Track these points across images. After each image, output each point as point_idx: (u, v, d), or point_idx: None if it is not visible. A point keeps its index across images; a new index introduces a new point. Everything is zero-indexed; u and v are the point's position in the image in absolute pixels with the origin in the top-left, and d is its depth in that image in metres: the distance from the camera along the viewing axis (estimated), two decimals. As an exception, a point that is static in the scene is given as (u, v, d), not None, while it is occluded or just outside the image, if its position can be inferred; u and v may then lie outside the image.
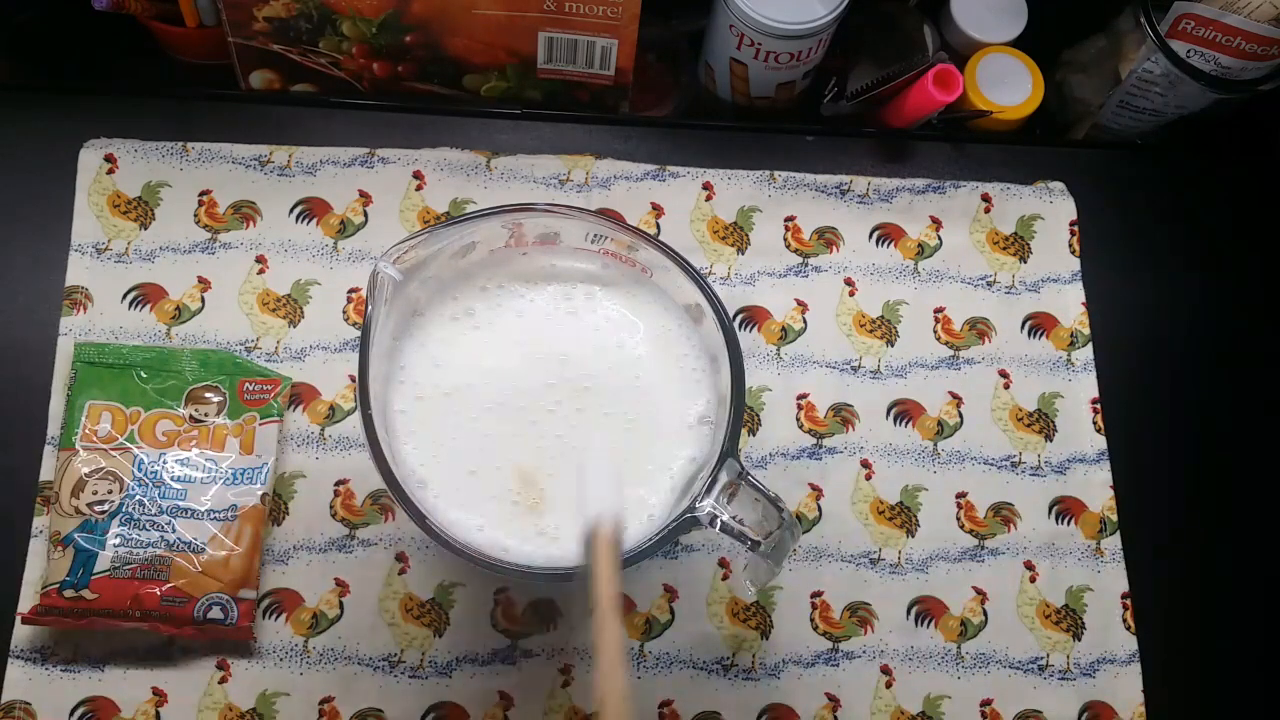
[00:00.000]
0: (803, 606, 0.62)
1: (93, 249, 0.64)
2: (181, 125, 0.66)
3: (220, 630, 0.56)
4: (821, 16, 0.65)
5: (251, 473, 0.58)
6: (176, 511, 0.57)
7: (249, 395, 0.60)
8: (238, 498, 0.58)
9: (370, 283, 0.49)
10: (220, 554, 0.56)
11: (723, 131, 0.71)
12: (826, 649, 0.61)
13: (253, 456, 0.59)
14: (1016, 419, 0.67)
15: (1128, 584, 0.64)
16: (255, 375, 0.61)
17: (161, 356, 0.60)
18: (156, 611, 0.55)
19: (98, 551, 0.55)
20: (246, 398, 0.60)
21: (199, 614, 0.56)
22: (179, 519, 0.57)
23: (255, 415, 0.60)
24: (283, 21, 0.65)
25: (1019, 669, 0.62)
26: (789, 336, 0.67)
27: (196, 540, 0.56)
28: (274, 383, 0.61)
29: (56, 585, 0.55)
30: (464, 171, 0.67)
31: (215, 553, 0.56)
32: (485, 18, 0.64)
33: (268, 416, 0.60)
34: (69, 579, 0.55)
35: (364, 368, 0.48)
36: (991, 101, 0.72)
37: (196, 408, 0.59)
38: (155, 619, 0.55)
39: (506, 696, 0.59)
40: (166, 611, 0.55)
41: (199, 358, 0.61)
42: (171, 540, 0.56)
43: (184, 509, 0.57)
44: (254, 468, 0.58)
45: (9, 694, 0.56)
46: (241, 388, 0.60)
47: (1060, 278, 0.70)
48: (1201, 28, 0.67)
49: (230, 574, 0.56)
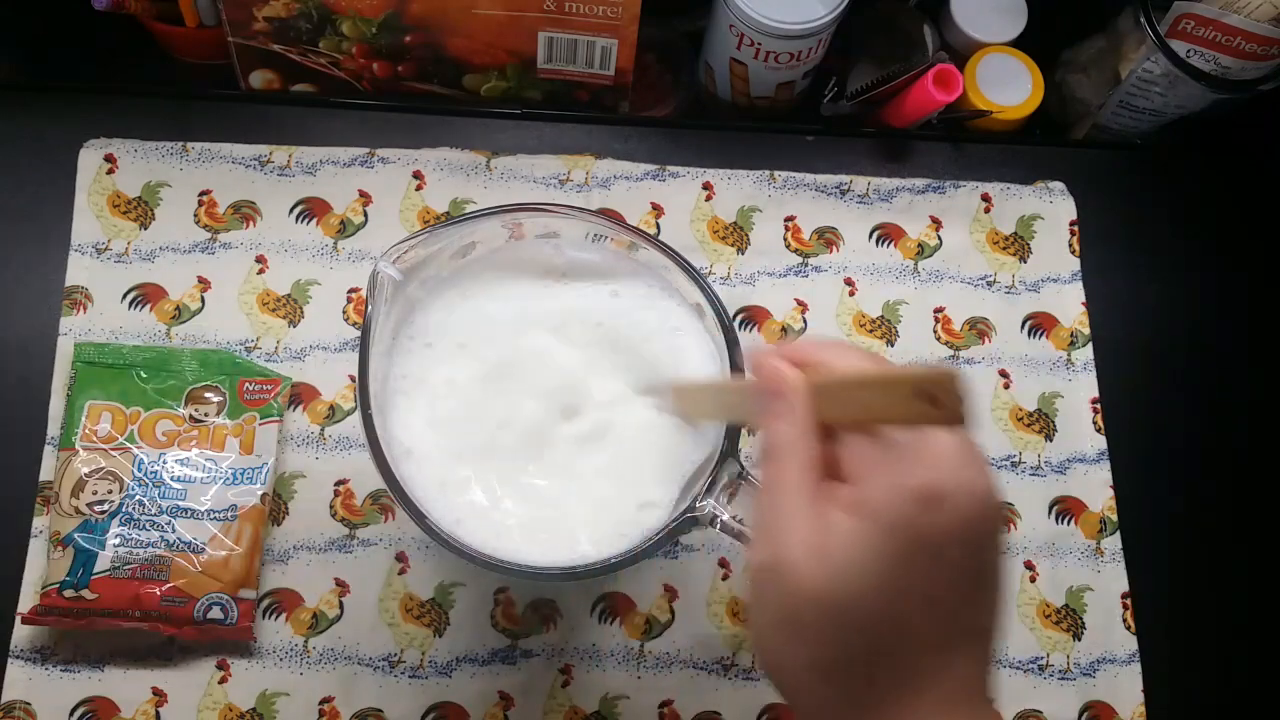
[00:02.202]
0: (803, 606, 0.62)
1: (93, 249, 0.64)
2: (181, 125, 0.66)
3: (220, 630, 0.56)
4: (821, 16, 0.65)
5: (251, 473, 0.58)
6: (176, 511, 0.57)
7: (249, 395, 0.60)
8: (237, 498, 0.58)
9: (370, 283, 0.49)
10: (220, 554, 0.56)
11: (723, 131, 0.71)
12: (826, 649, 0.61)
13: (252, 456, 0.59)
14: (1016, 419, 0.67)
15: (1128, 584, 0.64)
16: (255, 375, 0.61)
17: (161, 356, 0.60)
18: (156, 611, 0.55)
19: (98, 552, 0.55)
20: (246, 398, 0.60)
21: (199, 614, 0.56)
22: (179, 519, 0.57)
23: (255, 415, 0.60)
24: (283, 21, 0.65)
25: (1019, 669, 0.62)
26: (789, 336, 0.67)
27: (196, 540, 0.56)
28: (274, 383, 0.61)
29: (56, 585, 0.55)
30: (464, 171, 0.67)
31: (215, 553, 0.56)
32: (485, 18, 0.64)
33: (268, 416, 0.60)
34: (69, 579, 0.55)
35: (364, 368, 0.48)
36: (991, 101, 0.72)
37: (196, 408, 0.59)
38: (155, 619, 0.55)
39: (506, 696, 0.59)
40: (166, 611, 0.55)
41: (199, 358, 0.61)
42: (171, 540, 0.56)
43: (184, 509, 0.57)
44: (254, 468, 0.58)
45: (9, 694, 0.56)
46: (241, 387, 0.60)
47: (1060, 278, 0.70)
48: (1201, 28, 0.67)
49: (230, 574, 0.56)
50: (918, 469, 0.35)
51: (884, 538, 0.35)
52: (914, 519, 0.35)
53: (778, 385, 0.39)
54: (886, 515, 0.35)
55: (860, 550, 0.35)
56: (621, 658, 0.60)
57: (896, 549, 0.35)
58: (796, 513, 0.36)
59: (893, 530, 0.35)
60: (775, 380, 0.39)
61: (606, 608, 0.61)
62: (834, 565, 0.35)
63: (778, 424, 0.38)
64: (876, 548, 0.35)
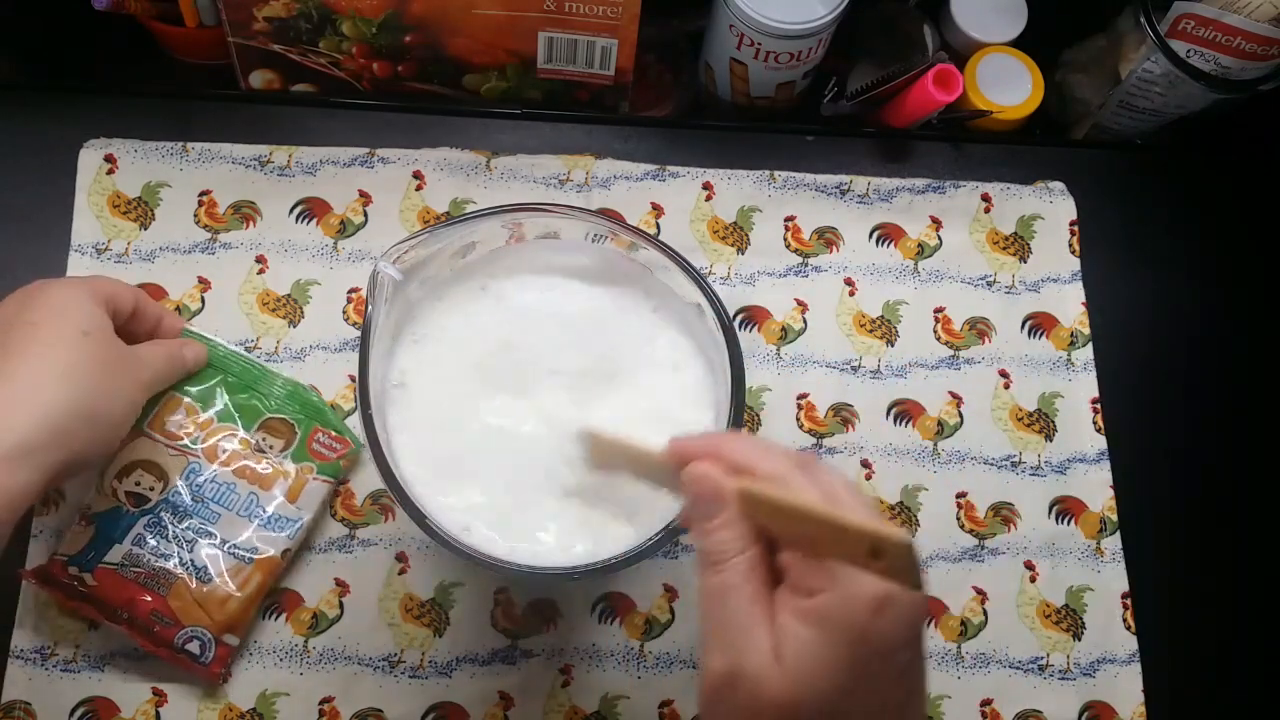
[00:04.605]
0: (803, 606, 0.62)
1: (93, 249, 0.64)
2: (181, 125, 0.66)
3: (191, 665, 0.55)
4: (821, 16, 0.65)
5: (284, 523, 0.57)
6: (203, 533, 0.56)
7: (317, 445, 0.59)
8: (261, 543, 0.56)
9: (370, 283, 0.49)
10: (222, 591, 0.55)
11: (723, 131, 0.71)
12: (826, 649, 0.61)
13: (293, 508, 0.57)
14: (1016, 419, 0.67)
15: (1128, 584, 0.64)
16: (331, 427, 0.59)
17: (253, 373, 0.60)
18: (141, 622, 0.55)
19: (115, 543, 0.55)
20: (314, 447, 0.59)
21: (178, 642, 0.55)
22: (202, 540, 0.56)
23: (314, 467, 0.58)
24: (283, 21, 0.65)
25: (1019, 669, 0.62)
26: (789, 336, 0.67)
27: (207, 569, 0.55)
28: (344, 443, 0.59)
29: (65, 558, 0.55)
30: (464, 171, 0.67)
31: (219, 588, 0.55)
32: (485, 18, 0.64)
33: (325, 474, 0.59)
34: (79, 556, 0.55)
35: (364, 368, 0.48)
36: (991, 101, 0.72)
37: (265, 437, 0.58)
38: (139, 629, 0.55)
39: (506, 696, 0.59)
40: (150, 626, 0.55)
41: (289, 387, 0.60)
42: (185, 560, 0.55)
43: (210, 534, 0.56)
44: (290, 519, 0.57)
45: (9, 694, 0.56)
46: (314, 435, 0.59)
47: (1060, 278, 0.70)
48: (1201, 28, 0.67)
49: (223, 614, 0.55)
50: (868, 579, 0.35)
51: (841, 645, 0.35)
52: (867, 626, 0.35)
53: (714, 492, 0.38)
54: (843, 623, 0.35)
55: (819, 659, 0.35)
56: (621, 658, 0.60)
57: (853, 655, 0.35)
58: (751, 622, 0.37)
59: (849, 637, 0.35)
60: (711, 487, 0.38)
61: (606, 608, 0.61)
62: (794, 674, 0.35)
63: (719, 532, 0.38)
64: (835, 655, 0.35)
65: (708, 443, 0.40)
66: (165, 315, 0.58)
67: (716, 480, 0.38)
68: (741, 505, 0.38)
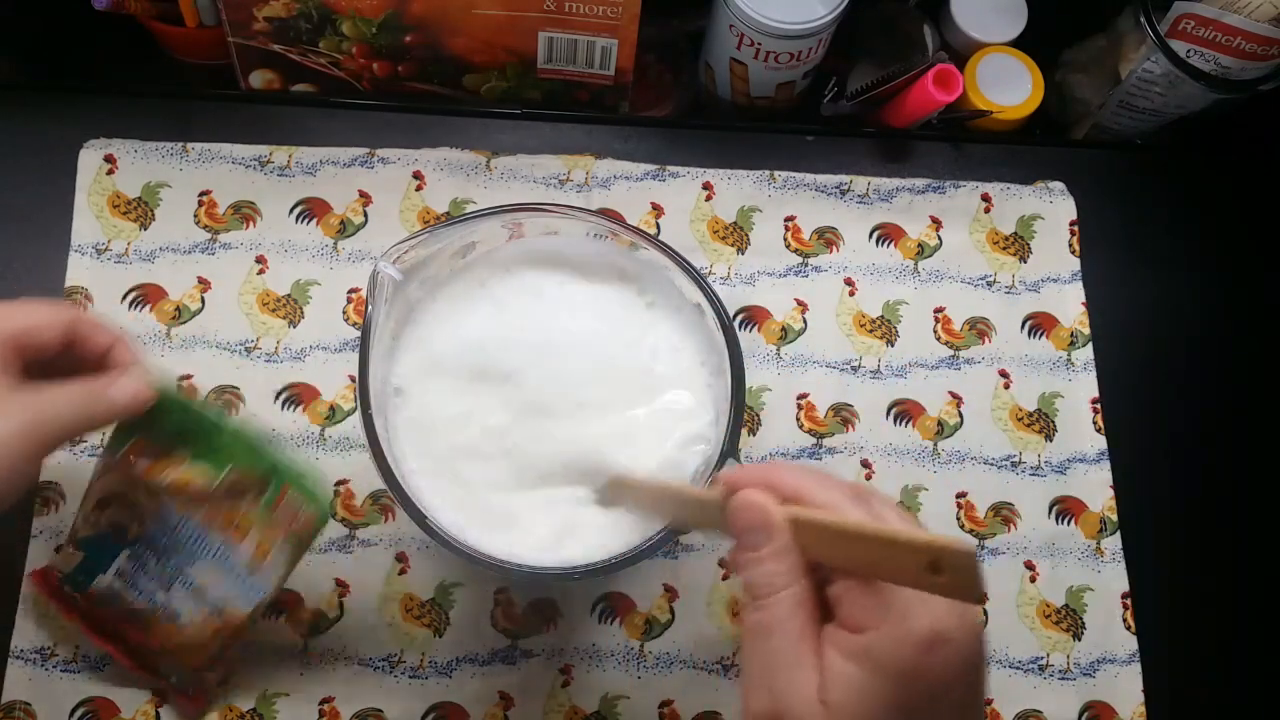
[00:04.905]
0: (803, 606, 0.62)
1: (93, 249, 0.64)
2: (181, 125, 0.66)
3: (176, 694, 0.56)
4: (821, 16, 0.65)
5: (255, 583, 0.53)
6: (179, 577, 0.53)
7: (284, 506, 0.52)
8: (231, 600, 0.53)
9: (370, 283, 0.49)
10: (197, 637, 0.54)
11: (723, 131, 0.71)
12: (826, 649, 0.61)
13: (266, 564, 0.52)
14: (1016, 419, 0.67)
15: (1128, 584, 0.64)
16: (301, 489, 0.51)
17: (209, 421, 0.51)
18: (128, 645, 0.55)
19: (100, 572, 0.54)
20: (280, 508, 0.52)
21: (163, 672, 0.55)
22: (177, 583, 0.53)
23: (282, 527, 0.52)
24: (283, 21, 0.65)
25: (1019, 669, 0.62)
26: (789, 336, 0.67)
27: (181, 615, 0.53)
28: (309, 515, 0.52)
29: (60, 574, 0.55)
30: (464, 171, 0.67)
31: (194, 633, 0.53)
32: (485, 18, 0.64)
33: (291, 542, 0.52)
34: (70, 576, 0.55)
35: (364, 368, 0.48)
36: (991, 101, 0.72)
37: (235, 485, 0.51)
38: (125, 652, 0.55)
39: (506, 696, 0.59)
40: (135, 653, 0.55)
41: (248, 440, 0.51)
42: (163, 601, 0.53)
43: (187, 578, 0.53)
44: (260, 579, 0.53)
45: (9, 694, 0.56)
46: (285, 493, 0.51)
47: (1060, 278, 0.70)
48: (1201, 28, 0.67)
49: (202, 657, 0.54)
50: (922, 614, 0.34)
51: (891, 686, 0.34)
52: (919, 665, 0.34)
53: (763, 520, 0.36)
54: (894, 664, 0.34)
55: (867, 701, 0.34)
56: (621, 658, 0.60)
57: (902, 696, 0.34)
58: (796, 661, 0.35)
59: (900, 678, 0.34)
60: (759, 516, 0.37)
61: (606, 608, 0.61)
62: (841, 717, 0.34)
63: (766, 563, 0.36)
64: (884, 697, 0.34)
65: (759, 471, 0.39)
66: (117, 344, 0.49)
67: (765, 507, 0.37)
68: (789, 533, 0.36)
